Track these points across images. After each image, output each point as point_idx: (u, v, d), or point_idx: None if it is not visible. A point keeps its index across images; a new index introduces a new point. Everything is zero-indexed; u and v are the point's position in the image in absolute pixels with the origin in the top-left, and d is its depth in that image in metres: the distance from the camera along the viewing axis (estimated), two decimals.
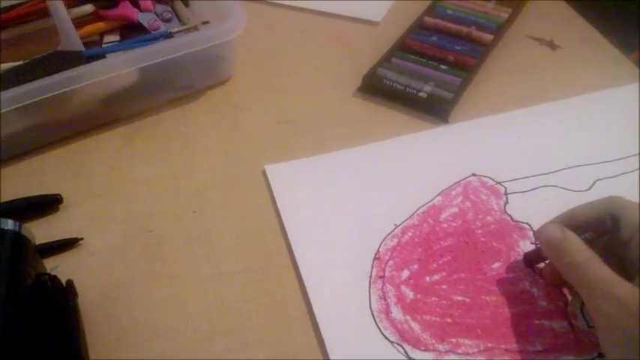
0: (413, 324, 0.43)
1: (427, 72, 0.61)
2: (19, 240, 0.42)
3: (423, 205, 0.50)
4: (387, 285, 0.45)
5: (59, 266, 0.47)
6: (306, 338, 0.43)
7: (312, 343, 0.42)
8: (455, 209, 0.50)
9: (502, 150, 0.55)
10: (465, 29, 0.65)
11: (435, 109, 0.58)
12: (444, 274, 0.46)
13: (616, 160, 0.53)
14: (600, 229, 0.40)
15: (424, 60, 0.63)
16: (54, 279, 0.43)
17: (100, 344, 0.43)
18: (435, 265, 0.46)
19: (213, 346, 0.43)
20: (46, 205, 0.51)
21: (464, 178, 0.52)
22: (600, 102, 0.59)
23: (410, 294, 0.45)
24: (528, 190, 0.51)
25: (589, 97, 0.59)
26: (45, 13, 0.61)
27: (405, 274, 0.46)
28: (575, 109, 0.58)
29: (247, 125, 0.59)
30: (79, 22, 0.62)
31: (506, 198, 0.50)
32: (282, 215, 0.50)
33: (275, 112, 0.60)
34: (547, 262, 0.45)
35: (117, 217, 0.51)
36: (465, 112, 0.58)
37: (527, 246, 0.47)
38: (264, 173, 0.54)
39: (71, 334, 0.41)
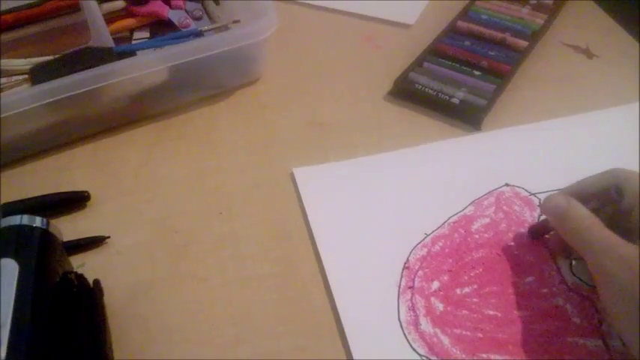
0: (442, 337, 0.42)
1: (460, 78, 0.60)
2: (47, 237, 0.42)
3: (455, 215, 0.49)
4: (417, 296, 0.44)
5: (85, 264, 0.47)
6: (333, 347, 0.42)
7: (339, 351, 0.42)
8: (487, 220, 0.49)
9: (536, 160, 0.53)
10: (499, 34, 0.64)
11: (467, 116, 0.57)
12: (475, 286, 0.45)
13: None
14: (604, 198, 0.41)
15: (457, 65, 0.61)
16: (80, 277, 0.43)
17: (124, 344, 0.43)
18: (466, 277, 0.45)
19: (238, 351, 0.42)
20: (74, 201, 0.51)
21: (497, 188, 0.51)
22: (636, 113, 0.57)
23: (440, 306, 0.44)
24: None
25: (625, 108, 0.57)
26: (76, 7, 0.61)
27: (435, 285, 0.45)
28: (611, 120, 0.56)
29: (276, 126, 0.58)
30: (110, 18, 0.62)
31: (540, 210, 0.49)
32: (309, 220, 0.49)
33: (304, 113, 0.59)
34: (552, 233, 0.45)
35: (144, 216, 0.51)
36: (498, 119, 0.57)
37: (561, 260, 0.46)
38: (292, 176, 0.53)
39: (97, 334, 0.40)
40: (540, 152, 0.54)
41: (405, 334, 0.42)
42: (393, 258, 0.46)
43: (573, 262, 0.45)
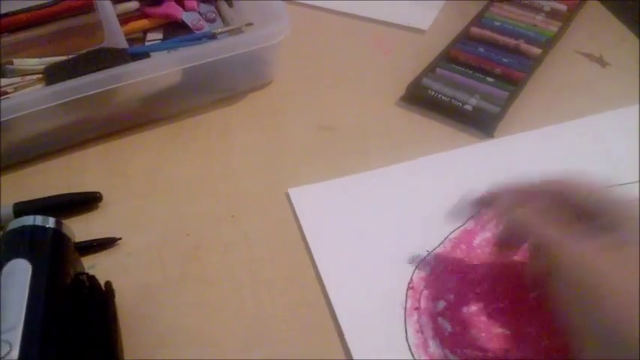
0: (452, 359, 0.41)
1: (473, 84, 0.60)
2: (59, 238, 0.42)
3: (455, 230, 0.49)
4: (424, 317, 0.43)
5: (96, 265, 0.47)
6: (343, 353, 0.42)
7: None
8: (488, 234, 0.48)
9: (537, 169, 0.52)
10: (512, 41, 0.64)
11: (480, 123, 0.57)
12: (481, 304, 0.44)
13: None
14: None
15: (470, 71, 0.61)
16: (92, 278, 0.43)
17: (134, 345, 0.43)
18: (471, 295, 0.44)
19: (247, 355, 0.42)
20: (86, 202, 0.51)
21: None
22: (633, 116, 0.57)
23: (448, 326, 0.43)
24: None
25: (626, 111, 0.57)
26: (90, 8, 0.61)
27: (441, 304, 0.44)
28: (619, 121, 0.56)
29: (288, 130, 0.58)
30: (124, 19, 0.62)
31: None
32: (308, 242, 0.48)
33: (316, 117, 0.59)
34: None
35: (155, 217, 0.51)
36: (511, 126, 0.57)
37: None
38: (287, 195, 0.52)
39: (108, 335, 0.41)
40: (541, 160, 0.54)
41: (414, 358, 0.41)
42: (397, 278, 0.46)
43: None
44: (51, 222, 0.42)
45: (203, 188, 0.53)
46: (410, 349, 0.42)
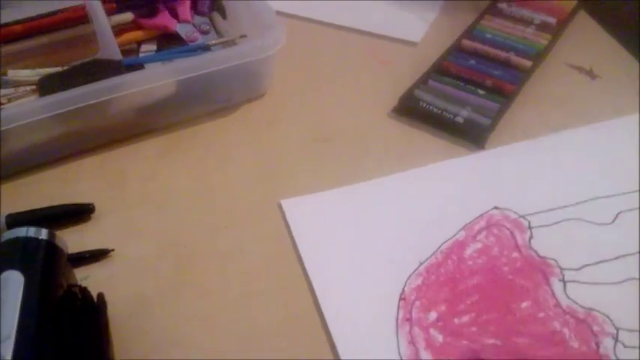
0: None
1: (464, 96, 0.60)
2: (52, 249, 0.42)
3: (447, 241, 0.49)
4: (415, 328, 0.44)
5: (89, 277, 0.47)
6: None
7: None
8: (479, 245, 0.49)
9: (526, 180, 0.54)
10: (503, 54, 0.65)
11: (471, 135, 0.57)
12: (472, 315, 0.44)
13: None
14: None
15: (462, 84, 0.62)
16: (84, 290, 0.43)
17: (126, 356, 0.43)
18: (462, 306, 0.45)
19: None
20: (79, 213, 0.51)
21: (486, 211, 0.51)
22: (628, 126, 0.58)
23: (439, 337, 0.43)
24: (552, 224, 0.50)
25: (618, 121, 0.58)
26: (84, 19, 0.62)
27: (433, 315, 0.44)
28: (601, 134, 0.57)
29: (282, 142, 0.58)
30: (118, 30, 0.63)
31: (531, 232, 0.49)
32: (301, 254, 0.48)
33: (310, 129, 0.59)
34: None
35: (149, 228, 0.51)
36: (502, 138, 0.57)
37: (554, 283, 0.46)
38: (280, 206, 0.53)
39: (100, 347, 0.40)
40: (530, 172, 0.54)
41: None
42: (389, 289, 0.46)
43: (567, 285, 0.46)
44: (44, 233, 0.42)
45: (197, 199, 0.53)
46: None
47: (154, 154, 0.57)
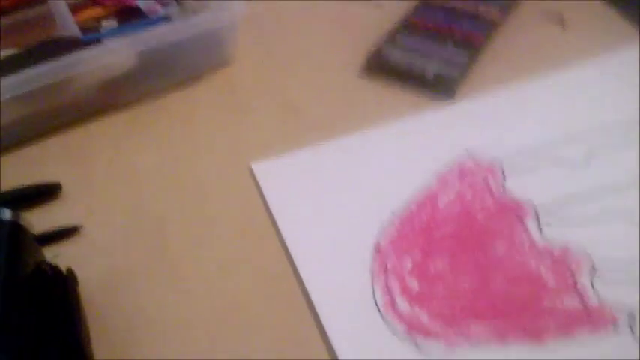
0: (421, 314, 0.41)
1: (433, 50, 0.59)
2: (16, 229, 0.41)
3: (420, 191, 0.49)
4: (391, 277, 0.44)
5: (60, 255, 0.46)
6: (313, 338, 0.41)
7: (318, 342, 0.41)
8: (452, 193, 0.48)
9: (497, 127, 0.53)
10: (471, 6, 0.64)
11: (441, 88, 0.56)
12: (447, 260, 0.44)
13: (613, 128, 0.52)
14: None
15: (430, 38, 0.61)
16: (53, 267, 0.43)
17: (103, 333, 0.42)
18: (437, 253, 0.45)
19: (218, 332, 0.42)
20: (46, 193, 0.50)
21: (459, 160, 0.51)
22: (597, 68, 0.57)
23: (415, 284, 0.43)
24: (525, 167, 0.50)
25: (583, 64, 0.58)
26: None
27: (408, 264, 0.44)
28: (570, 78, 0.57)
29: (251, 109, 0.57)
30: (76, 8, 0.61)
31: (504, 177, 0.49)
32: (274, 216, 0.48)
33: (279, 94, 0.58)
34: None
35: (119, 204, 0.50)
36: (472, 90, 0.57)
37: (530, 224, 0.46)
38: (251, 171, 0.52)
39: (71, 321, 0.40)
40: (501, 118, 0.54)
41: (382, 317, 0.41)
42: (364, 242, 0.46)
43: (542, 225, 0.45)
44: (7, 214, 0.41)
45: (167, 172, 0.52)
46: (379, 308, 0.42)
47: (119, 129, 0.56)
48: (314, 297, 0.43)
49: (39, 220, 0.44)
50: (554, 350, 0.39)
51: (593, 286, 0.42)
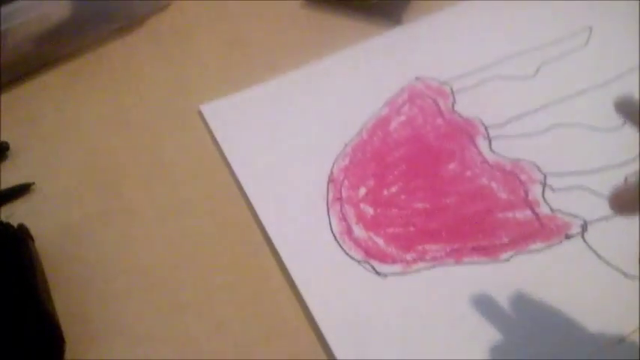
0: (377, 239, 0.42)
1: None
2: None
3: (371, 119, 0.49)
4: (346, 205, 0.44)
5: (14, 214, 0.46)
6: (273, 271, 0.42)
7: (277, 275, 0.41)
8: (403, 117, 0.48)
9: (444, 48, 0.53)
10: None
11: (386, 11, 0.55)
12: (400, 184, 0.44)
13: (558, 40, 0.52)
14: None
15: None
16: (6, 225, 0.42)
17: (63, 286, 0.42)
18: (390, 177, 0.45)
19: (179, 274, 0.42)
20: None
21: (408, 84, 0.50)
22: None
23: (369, 210, 0.43)
24: (475, 85, 0.50)
25: None
26: None
27: (362, 191, 0.44)
28: None
29: (194, 51, 0.56)
30: None
31: (454, 97, 0.49)
32: (226, 155, 0.48)
33: (221, 33, 0.57)
34: None
35: (68, 158, 0.49)
36: (418, 13, 0.56)
37: (480, 141, 0.46)
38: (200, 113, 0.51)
39: (27, 278, 0.40)
40: (448, 39, 0.54)
41: (340, 245, 0.42)
42: (317, 174, 0.46)
43: (492, 141, 0.46)
44: None
45: (114, 122, 0.51)
46: (335, 237, 0.42)
47: (62, 82, 0.54)
48: (271, 231, 0.43)
49: None
50: (509, 262, 0.40)
51: (544, 198, 0.43)
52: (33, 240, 0.43)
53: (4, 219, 0.44)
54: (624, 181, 0.42)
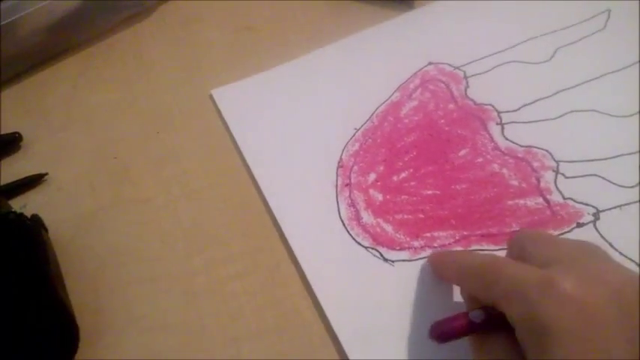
0: (385, 225, 0.42)
1: None
2: None
3: (382, 104, 0.48)
4: (355, 191, 0.44)
5: (27, 205, 0.47)
6: (282, 257, 0.42)
7: (286, 261, 0.42)
8: (415, 102, 0.48)
9: (458, 33, 0.52)
10: None
11: None
12: (410, 170, 0.44)
13: (575, 24, 0.51)
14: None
15: None
16: (20, 216, 0.43)
17: (77, 276, 0.43)
18: (400, 164, 0.44)
19: (192, 262, 0.43)
20: (6, 145, 0.50)
21: (420, 69, 0.50)
22: None
23: (379, 196, 0.43)
24: (488, 70, 0.49)
25: None
26: None
27: (372, 177, 0.44)
28: None
29: (205, 37, 0.56)
30: None
31: (467, 82, 0.48)
32: (237, 140, 0.47)
33: (232, 20, 0.56)
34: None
35: (80, 147, 0.50)
36: None
37: (492, 127, 0.45)
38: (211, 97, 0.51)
39: (41, 267, 0.40)
40: (461, 24, 0.52)
41: (348, 231, 0.42)
42: (326, 160, 0.45)
43: (505, 127, 0.45)
44: None
45: (124, 110, 0.52)
46: (343, 223, 0.42)
47: (73, 72, 0.55)
48: (279, 216, 0.43)
49: (3, 172, 0.44)
50: None
51: (556, 186, 0.42)
52: (47, 230, 0.44)
53: (17, 210, 0.45)
54: None
